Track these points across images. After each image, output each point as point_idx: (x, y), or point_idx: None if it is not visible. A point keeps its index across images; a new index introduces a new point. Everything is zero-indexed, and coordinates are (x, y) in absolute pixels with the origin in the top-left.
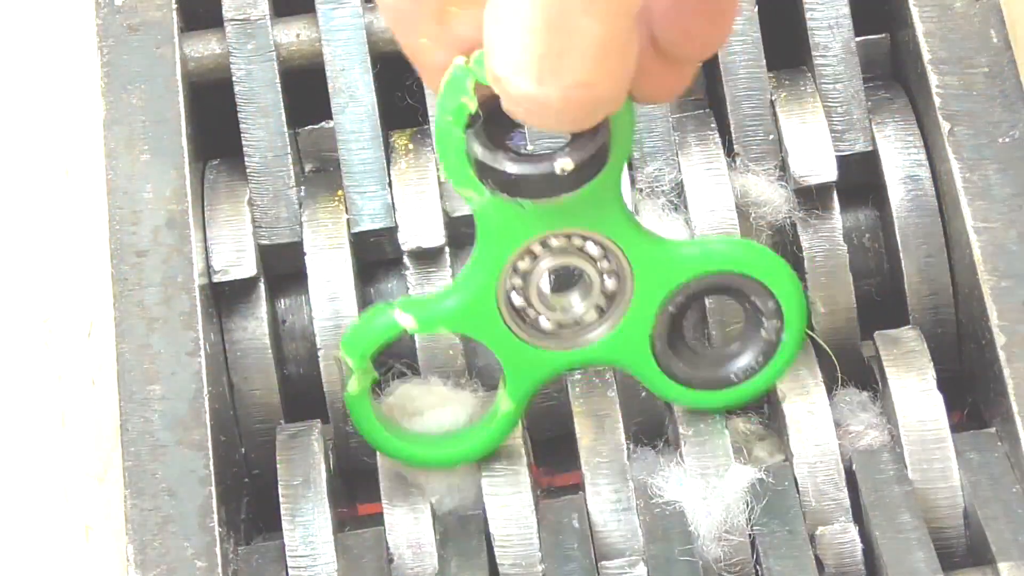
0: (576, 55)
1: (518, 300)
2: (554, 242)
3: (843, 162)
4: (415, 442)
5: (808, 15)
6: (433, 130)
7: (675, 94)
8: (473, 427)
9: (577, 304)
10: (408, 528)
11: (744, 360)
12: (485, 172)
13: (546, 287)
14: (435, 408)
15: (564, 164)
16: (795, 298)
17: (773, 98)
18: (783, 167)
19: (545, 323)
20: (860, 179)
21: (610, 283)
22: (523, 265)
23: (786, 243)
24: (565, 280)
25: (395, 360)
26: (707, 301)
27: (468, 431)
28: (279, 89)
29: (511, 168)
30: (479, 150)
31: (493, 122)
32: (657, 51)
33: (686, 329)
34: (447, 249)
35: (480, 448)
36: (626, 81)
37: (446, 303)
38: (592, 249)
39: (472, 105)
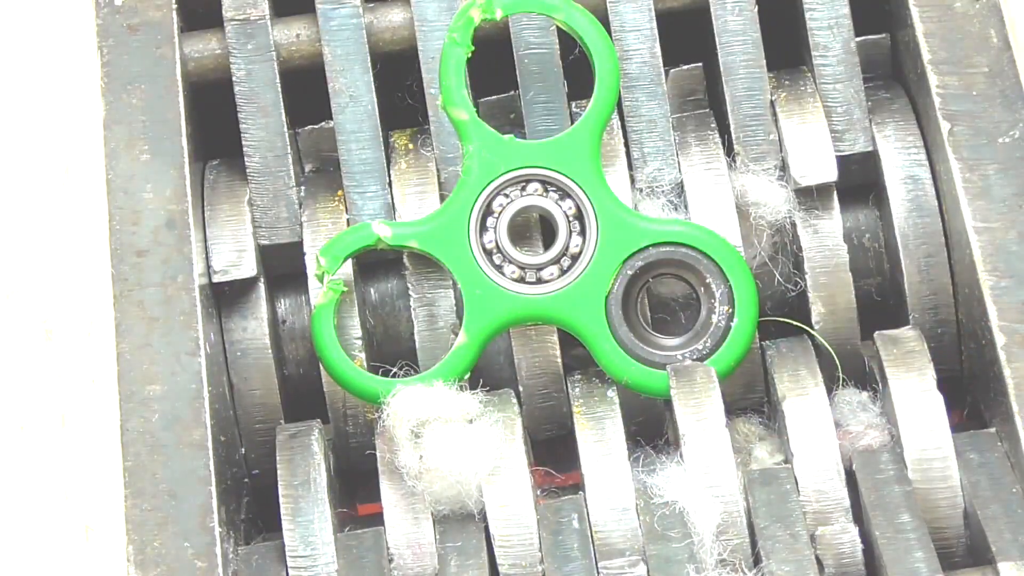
0: None
1: (488, 237)
2: (531, 188)
3: (843, 162)
4: (361, 373)
5: (808, 15)
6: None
7: None
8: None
9: (541, 254)
10: (408, 528)
11: (693, 343)
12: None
13: (509, 239)
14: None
15: None
16: (748, 288)
17: (773, 98)
18: (783, 167)
19: (509, 271)
20: (860, 179)
21: (576, 243)
22: (497, 203)
23: (786, 243)
24: (535, 239)
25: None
26: (664, 290)
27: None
28: (279, 89)
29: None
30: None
31: None
32: None
33: (641, 308)
34: None
35: (425, 376)
36: None
37: (422, 225)
38: (567, 205)
39: (478, 16)
